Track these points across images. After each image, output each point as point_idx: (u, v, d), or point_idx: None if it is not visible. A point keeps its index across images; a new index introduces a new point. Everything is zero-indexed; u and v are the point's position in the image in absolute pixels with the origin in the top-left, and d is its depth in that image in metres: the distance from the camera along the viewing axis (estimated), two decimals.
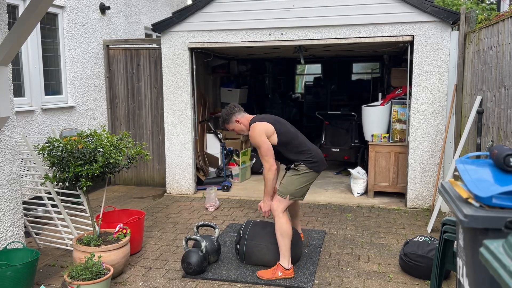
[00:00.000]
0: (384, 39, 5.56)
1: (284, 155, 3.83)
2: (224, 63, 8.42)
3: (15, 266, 3.27)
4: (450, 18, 5.33)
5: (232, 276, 3.78)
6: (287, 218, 3.76)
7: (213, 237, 4.09)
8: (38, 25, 5.55)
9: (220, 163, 7.19)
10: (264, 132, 3.73)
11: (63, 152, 3.62)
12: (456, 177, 4.52)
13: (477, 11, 5.73)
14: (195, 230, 4.16)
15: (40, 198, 4.61)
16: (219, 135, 7.36)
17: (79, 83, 6.40)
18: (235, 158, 7.28)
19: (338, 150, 7.49)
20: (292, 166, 3.83)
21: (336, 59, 11.71)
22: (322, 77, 13.28)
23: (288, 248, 3.73)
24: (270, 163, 3.71)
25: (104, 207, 4.17)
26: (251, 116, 3.93)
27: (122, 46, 6.93)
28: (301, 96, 13.68)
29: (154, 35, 8.31)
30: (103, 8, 6.83)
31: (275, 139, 3.77)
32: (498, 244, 1.34)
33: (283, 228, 3.70)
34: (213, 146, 7.34)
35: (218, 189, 6.56)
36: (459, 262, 2.00)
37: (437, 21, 5.41)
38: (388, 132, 6.25)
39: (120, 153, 3.76)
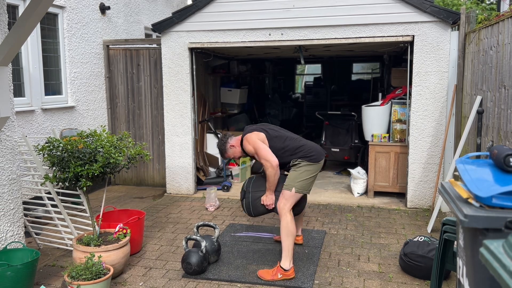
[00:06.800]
0: (384, 39, 5.56)
1: (282, 159, 3.84)
2: (224, 63, 8.42)
3: (15, 266, 3.26)
4: (450, 18, 5.33)
5: (232, 276, 3.78)
6: (292, 216, 3.79)
7: (213, 237, 4.09)
8: (38, 25, 5.55)
9: (220, 163, 7.19)
10: (257, 138, 3.82)
11: (63, 152, 3.62)
12: (456, 177, 4.52)
13: (477, 11, 5.73)
14: (195, 230, 4.16)
15: (40, 198, 4.61)
16: (219, 135, 7.35)
17: (79, 83, 6.40)
18: None
19: (338, 150, 7.49)
20: (291, 164, 3.85)
21: (336, 59, 11.71)
22: (322, 77, 13.28)
23: (291, 248, 3.74)
24: (272, 160, 3.72)
25: (104, 207, 4.17)
26: (240, 135, 4.03)
27: (122, 46, 6.93)
28: (301, 96, 13.68)
29: (154, 35, 8.31)
30: (103, 8, 6.83)
31: (267, 144, 3.84)
32: (498, 244, 1.34)
33: (288, 227, 3.73)
34: (213, 146, 7.33)
35: (218, 189, 6.56)
36: (459, 262, 2.00)
37: (437, 21, 5.41)
38: (388, 132, 6.25)
39: (120, 153, 3.76)
